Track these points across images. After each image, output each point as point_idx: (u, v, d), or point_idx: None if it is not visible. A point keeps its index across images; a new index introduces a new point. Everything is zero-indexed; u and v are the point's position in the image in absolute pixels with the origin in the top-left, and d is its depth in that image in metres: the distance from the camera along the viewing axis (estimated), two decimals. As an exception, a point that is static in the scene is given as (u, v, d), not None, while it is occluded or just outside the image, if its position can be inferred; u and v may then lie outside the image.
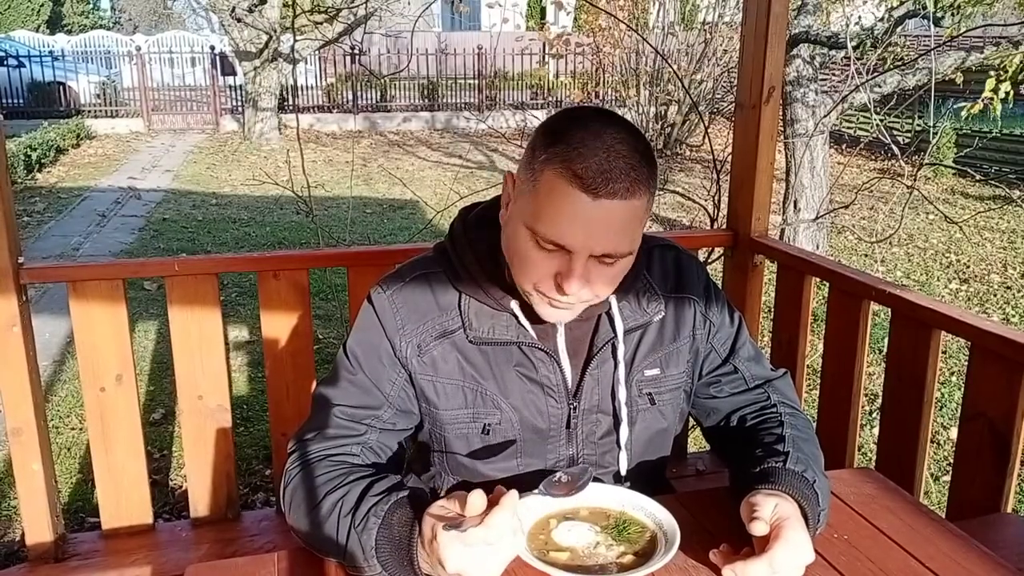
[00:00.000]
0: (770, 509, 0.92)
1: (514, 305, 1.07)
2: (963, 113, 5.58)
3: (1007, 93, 5.10)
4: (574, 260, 0.96)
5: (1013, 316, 4.91)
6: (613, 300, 1.09)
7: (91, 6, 34.08)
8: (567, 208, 0.93)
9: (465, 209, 1.17)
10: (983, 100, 5.21)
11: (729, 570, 0.89)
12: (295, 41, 10.81)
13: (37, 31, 24.79)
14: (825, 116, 5.31)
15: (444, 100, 14.72)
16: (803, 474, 0.99)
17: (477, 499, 0.83)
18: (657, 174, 1.00)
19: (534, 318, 1.08)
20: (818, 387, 2.00)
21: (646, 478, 1.16)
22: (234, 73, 14.15)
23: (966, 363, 1.64)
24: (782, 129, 5.34)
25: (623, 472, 1.14)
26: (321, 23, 11.95)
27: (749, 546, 0.93)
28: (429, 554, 0.86)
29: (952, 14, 5.11)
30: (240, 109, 13.26)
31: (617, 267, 1.00)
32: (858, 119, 10.46)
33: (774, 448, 1.05)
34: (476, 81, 14.66)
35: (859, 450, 1.98)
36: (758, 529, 0.89)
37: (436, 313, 1.09)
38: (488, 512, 0.82)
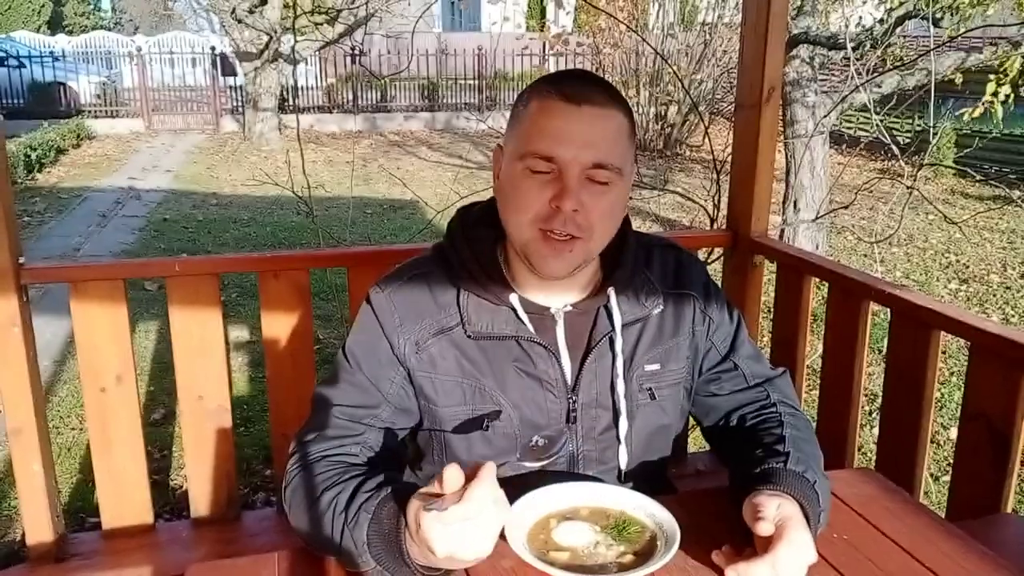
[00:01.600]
0: (773, 509, 0.92)
1: (513, 299, 1.07)
2: (965, 118, 5.57)
3: (1007, 96, 5.09)
4: (567, 175, 1.01)
5: (1013, 316, 4.91)
6: (612, 294, 1.10)
7: (92, 7, 34.10)
8: (553, 120, 1.02)
9: (463, 208, 1.17)
10: (984, 104, 5.20)
11: (732, 570, 0.89)
12: (295, 42, 10.82)
13: (38, 31, 24.80)
14: (825, 116, 5.31)
15: (444, 100, 14.72)
16: (804, 475, 0.99)
17: (452, 473, 0.81)
18: (632, 115, 1.09)
19: (533, 313, 1.09)
20: (818, 387, 2.00)
21: (647, 476, 1.17)
22: (234, 73, 14.15)
23: (966, 363, 1.64)
24: (782, 129, 5.34)
25: (624, 468, 1.14)
26: (321, 24, 11.96)
27: (751, 547, 0.93)
28: (418, 544, 0.85)
29: (951, 15, 5.11)
30: (240, 109, 13.27)
31: (609, 195, 1.04)
32: (858, 119, 10.46)
33: (774, 448, 1.05)
34: (476, 81, 14.66)
35: (859, 450, 1.98)
36: (763, 529, 0.89)
37: (434, 310, 1.09)
38: (466, 487, 0.81)
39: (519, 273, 1.10)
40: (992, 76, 5.17)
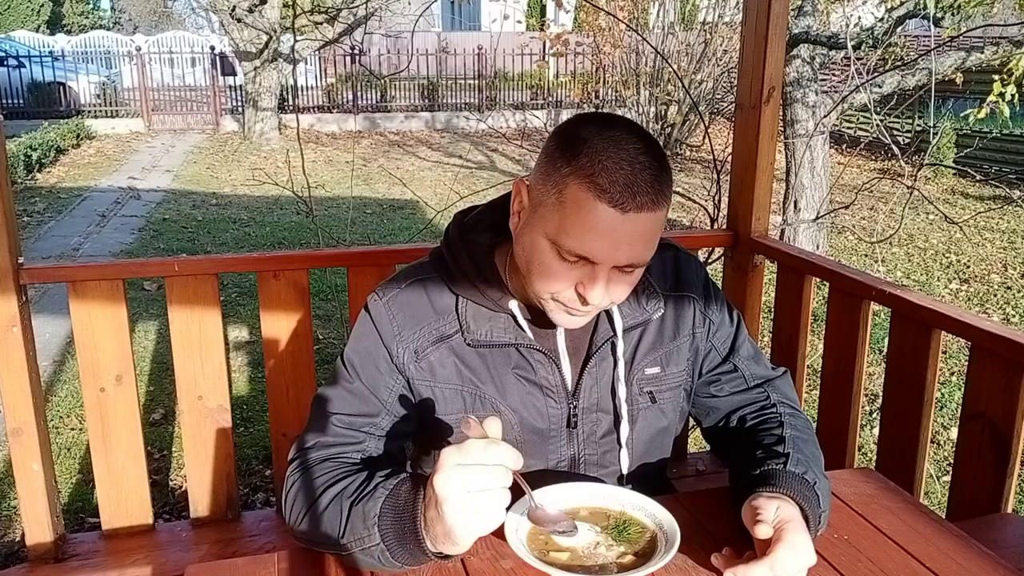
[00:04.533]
0: (772, 512, 0.92)
1: (512, 305, 1.07)
2: (970, 118, 5.57)
3: (1012, 96, 5.09)
4: (598, 271, 0.96)
5: (1013, 316, 4.91)
6: None
7: (91, 6, 34.10)
8: (595, 223, 0.93)
9: (460, 213, 1.16)
10: (989, 105, 5.20)
11: (731, 573, 0.89)
12: (295, 41, 10.82)
13: (37, 31, 24.78)
14: (825, 116, 5.32)
15: (444, 100, 14.72)
16: (803, 476, 0.99)
17: (492, 424, 0.83)
18: (672, 181, 1.00)
19: (532, 319, 1.08)
20: (818, 387, 2.00)
21: (647, 478, 1.16)
22: (234, 73, 14.15)
23: (966, 363, 1.63)
24: (782, 129, 5.35)
25: (624, 471, 1.14)
26: (321, 23, 11.96)
27: (751, 549, 0.93)
28: (434, 508, 0.83)
29: (952, 14, 5.11)
30: (240, 109, 13.27)
31: (635, 274, 1.01)
32: (858, 119, 10.47)
33: (774, 449, 1.05)
34: (476, 81, 14.66)
35: (859, 450, 1.99)
36: (762, 532, 0.89)
37: (433, 318, 1.09)
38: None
39: (518, 279, 1.10)
40: (996, 76, 5.17)
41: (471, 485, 0.79)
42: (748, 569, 0.88)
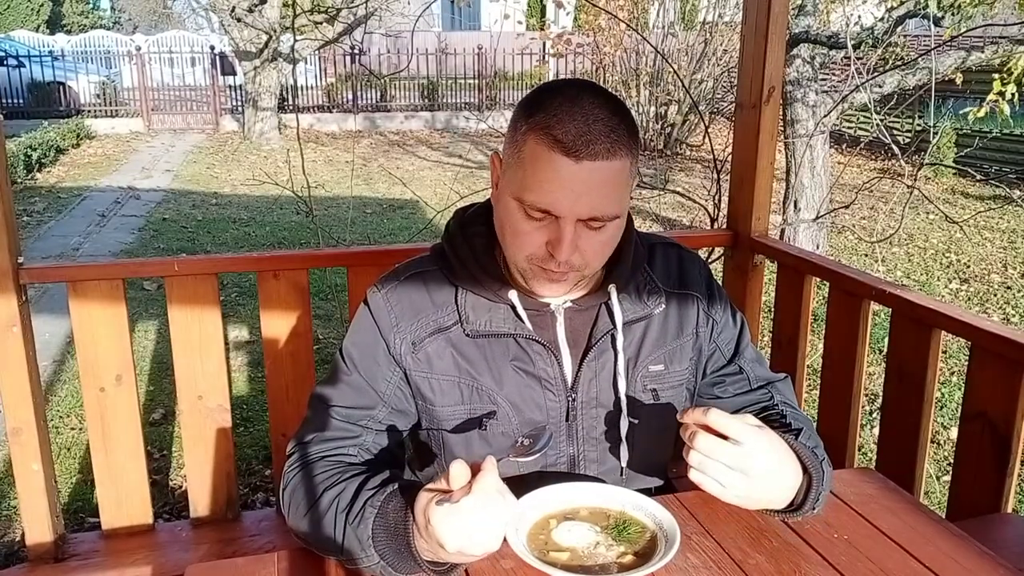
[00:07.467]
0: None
1: (512, 295, 1.07)
2: (970, 117, 5.56)
3: (1013, 95, 5.09)
4: (563, 225, 0.97)
5: (1013, 316, 4.91)
6: (613, 292, 1.10)
7: (91, 6, 34.10)
8: (550, 173, 0.95)
9: (461, 209, 1.17)
10: (989, 103, 5.20)
11: (679, 414, 0.95)
12: (295, 41, 10.82)
13: (37, 31, 24.78)
14: (825, 116, 5.32)
15: (444, 100, 14.73)
16: (814, 450, 1.01)
17: (458, 469, 0.83)
18: (638, 137, 1.02)
19: (532, 310, 1.08)
20: (818, 387, 2.00)
21: (648, 476, 1.16)
22: (234, 73, 14.15)
23: (966, 363, 1.63)
24: (782, 129, 5.34)
25: (624, 468, 1.14)
26: (321, 23, 11.95)
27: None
28: (428, 539, 0.85)
29: (952, 14, 5.11)
30: (240, 109, 13.27)
31: (606, 233, 1.01)
32: (858, 119, 10.47)
33: (785, 430, 1.06)
34: (476, 81, 14.66)
35: (859, 450, 1.98)
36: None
37: (431, 310, 1.09)
38: (473, 481, 0.82)
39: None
40: (996, 75, 5.17)
41: (467, 532, 0.82)
42: (690, 410, 0.93)
